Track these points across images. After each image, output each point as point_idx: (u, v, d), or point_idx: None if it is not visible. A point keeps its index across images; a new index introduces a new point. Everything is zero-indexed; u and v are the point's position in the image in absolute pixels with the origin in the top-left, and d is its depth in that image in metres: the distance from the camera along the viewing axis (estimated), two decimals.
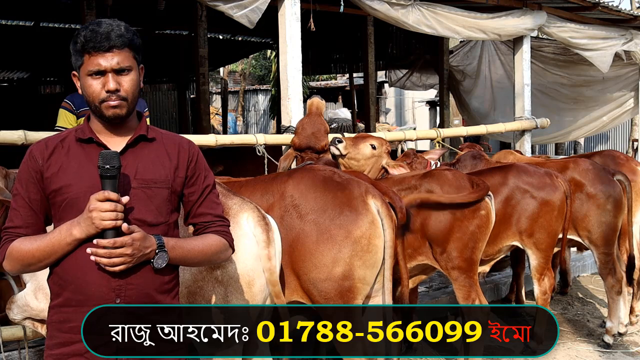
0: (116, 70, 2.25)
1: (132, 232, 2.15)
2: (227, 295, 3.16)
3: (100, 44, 2.21)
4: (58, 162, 2.29)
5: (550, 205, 5.26)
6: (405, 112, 26.53)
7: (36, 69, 15.67)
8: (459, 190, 4.63)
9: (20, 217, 2.29)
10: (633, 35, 8.98)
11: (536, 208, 5.23)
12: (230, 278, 3.16)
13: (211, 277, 3.14)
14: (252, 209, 3.26)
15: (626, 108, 10.55)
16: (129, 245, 2.14)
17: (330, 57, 15.69)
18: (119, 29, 2.25)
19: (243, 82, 29.94)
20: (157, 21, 12.41)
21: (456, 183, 4.68)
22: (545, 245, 5.29)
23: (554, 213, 5.27)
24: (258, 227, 3.21)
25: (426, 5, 6.93)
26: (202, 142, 5.43)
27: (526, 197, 5.23)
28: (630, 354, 5.69)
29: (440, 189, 4.63)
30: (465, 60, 12.33)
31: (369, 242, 3.62)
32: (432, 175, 4.79)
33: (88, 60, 2.24)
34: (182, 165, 2.39)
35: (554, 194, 5.27)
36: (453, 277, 4.67)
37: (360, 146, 5.27)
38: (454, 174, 4.80)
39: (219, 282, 3.14)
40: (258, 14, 5.73)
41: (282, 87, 6.01)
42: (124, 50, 2.26)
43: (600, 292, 7.19)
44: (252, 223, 3.21)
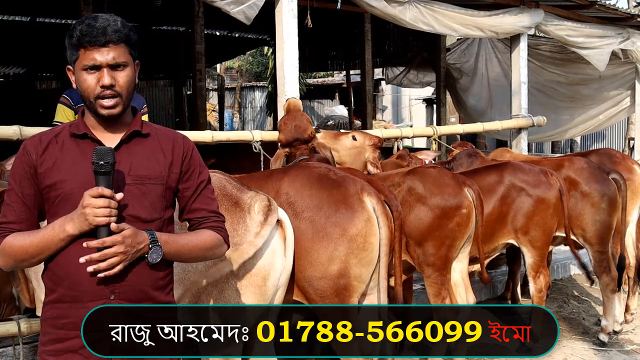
0: (111, 66, 2.24)
1: (122, 230, 2.14)
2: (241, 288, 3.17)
3: (97, 39, 2.21)
4: (52, 158, 2.27)
5: (546, 203, 5.27)
6: (402, 109, 26.53)
7: (32, 64, 15.60)
8: (442, 188, 4.61)
9: (14, 212, 2.27)
10: (630, 34, 8.98)
11: (532, 206, 5.24)
12: (247, 272, 3.18)
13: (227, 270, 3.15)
14: (261, 199, 3.27)
15: (623, 106, 10.56)
16: (120, 243, 2.13)
17: (327, 54, 15.65)
18: (116, 24, 2.25)
19: (240, 78, 29.89)
20: (153, 17, 12.38)
21: (439, 181, 4.65)
22: (541, 243, 5.31)
23: (549, 211, 5.29)
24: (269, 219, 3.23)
25: (423, 2, 6.93)
26: (198, 138, 5.42)
27: (522, 195, 5.24)
28: (626, 352, 5.70)
29: (423, 186, 4.61)
30: (463, 58, 12.33)
31: (365, 240, 3.62)
32: (416, 173, 4.78)
33: (83, 54, 2.23)
34: (177, 161, 2.38)
35: (549, 192, 5.29)
36: (426, 273, 4.63)
37: (341, 137, 5.32)
38: (439, 172, 4.77)
39: (234, 275, 3.16)
40: (255, 10, 5.72)
41: (278, 84, 6.00)
42: (120, 46, 2.25)
43: (596, 291, 7.20)
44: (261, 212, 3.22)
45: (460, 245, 4.69)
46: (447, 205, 4.59)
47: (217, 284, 3.14)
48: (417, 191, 4.60)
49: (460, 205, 4.62)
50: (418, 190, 4.60)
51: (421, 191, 4.60)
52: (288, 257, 3.39)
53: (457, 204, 4.61)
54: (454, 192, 4.63)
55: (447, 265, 4.63)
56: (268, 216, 3.22)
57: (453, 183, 4.68)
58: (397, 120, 25.96)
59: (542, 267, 5.35)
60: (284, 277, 3.38)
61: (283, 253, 3.34)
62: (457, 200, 4.62)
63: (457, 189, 4.66)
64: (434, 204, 4.57)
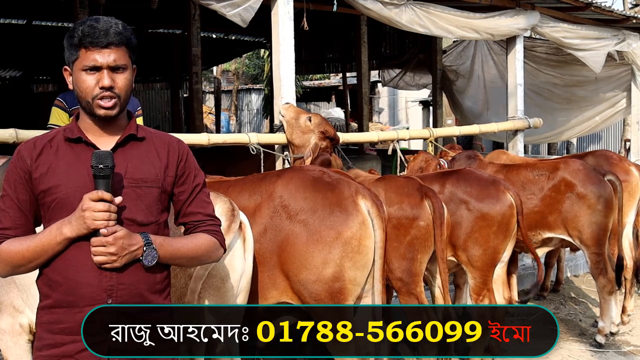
0: (112, 68, 2.24)
1: (114, 232, 2.14)
2: (200, 291, 3.17)
3: (99, 40, 2.21)
4: (47, 163, 2.27)
5: (488, 220, 4.86)
6: (399, 111, 26.54)
7: (29, 67, 15.63)
8: (402, 197, 4.49)
9: (9, 218, 2.27)
10: (625, 36, 9.00)
11: (471, 221, 4.85)
12: (205, 271, 3.17)
13: (184, 273, 3.15)
14: (223, 202, 3.26)
15: (619, 108, 10.57)
16: (110, 244, 2.13)
17: (323, 57, 15.68)
18: (117, 26, 2.25)
19: (236, 81, 29.92)
20: (150, 20, 12.40)
21: (402, 190, 4.53)
22: (481, 264, 4.87)
23: (492, 228, 4.86)
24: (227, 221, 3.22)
25: (419, 4, 6.93)
26: (194, 141, 5.42)
27: (461, 208, 4.87)
28: (622, 353, 5.70)
29: (384, 194, 4.49)
30: (459, 60, 12.35)
31: (360, 243, 3.60)
32: (383, 180, 4.71)
33: (84, 55, 2.23)
34: (172, 165, 2.38)
35: (495, 207, 4.87)
36: (396, 287, 4.53)
37: (301, 115, 5.44)
38: (407, 181, 4.65)
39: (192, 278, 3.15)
40: (251, 12, 5.72)
41: (275, 87, 6.00)
42: (120, 48, 2.25)
43: (592, 292, 7.21)
44: (224, 216, 3.21)
45: (423, 258, 4.52)
46: (404, 216, 4.48)
47: (177, 289, 3.14)
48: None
49: (417, 217, 4.46)
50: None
51: (382, 199, 4.33)
52: (247, 260, 3.38)
53: (414, 216, 4.47)
54: (412, 203, 4.49)
55: (414, 279, 4.48)
56: (232, 222, 3.22)
57: (417, 194, 4.51)
58: (394, 122, 25.98)
59: (485, 290, 4.89)
60: (244, 280, 3.36)
61: (242, 255, 3.33)
62: (414, 211, 4.48)
63: (416, 200, 4.50)
64: (390, 213, 4.39)
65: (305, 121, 5.38)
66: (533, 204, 5.71)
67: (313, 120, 5.37)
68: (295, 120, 5.45)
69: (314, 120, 5.38)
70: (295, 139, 5.42)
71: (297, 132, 5.40)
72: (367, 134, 8.36)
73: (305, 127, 5.36)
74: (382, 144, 9.03)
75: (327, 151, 5.28)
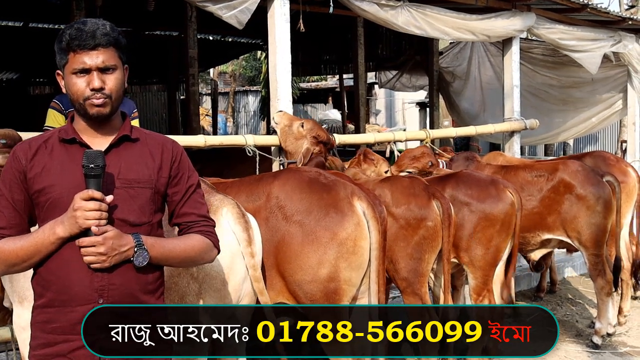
0: (101, 69, 2.24)
1: (105, 232, 2.14)
2: (200, 292, 3.15)
3: (86, 42, 2.21)
4: (41, 163, 2.28)
5: (491, 219, 4.91)
6: (395, 113, 26.56)
7: (25, 69, 15.63)
8: (410, 198, 4.51)
9: (4, 218, 2.28)
10: (622, 37, 9.01)
11: (474, 222, 4.89)
12: (206, 275, 3.15)
13: (186, 274, 3.13)
14: (231, 206, 3.25)
15: (615, 109, 10.58)
16: (100, 244, 2.13)
17: (320, 58, 15.68)
18: (104, 27, 2.25)
19: (233, 83, 29.91)
20: (146, 22, 12.37)
21: (409, 191, 4.54)
22: (484, 263, 4.91)
23: (495, 227, 4.90)
24: (238, 225, 3.20)
25: (415, 6, 6.94)
26: (191, 143, 5.42)
27: (463, 210, 4.89)
28: (619, 354, 5.71)
29: (391, 195, 4.52)
30: (455, 61, 12.35)
31: (355, 243, 3.61)
32: (388, 181, 4.71)
33: (73, 58, 2.23)
34: (166, 165, 2.38)
35: (497, 206, 4.92)
36: (401, 287, 4.53)
37: (294, 121, 5.47)
38: (412, 181, 4.66)
39: (193, 279, 3.14)
40: (247, 14, 5.72)
41: (271, 88, 6.00)
42: (109, 49, 2.25)
43: (590, 293, 7.22)
44: (232, 220, 3.20)
45: (430, 258, 4.54)
46: (412, 217, 4.48)
47: (179, 289, 3.13)
48: (384, 200, 4.40)
49: (425, 217, 4.47)
50: (386, 199, 4.44)
51: (388, 200, 4.48)
52: (259, 257, 3.36)
53: (423, 216, 4.47)
54: (420, 204, 4.50)
55: (419, 279, 4.49)
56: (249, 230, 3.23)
57: (424, 194, 4.52)
58: (391, 123, 25.99)
59: (486, 291, 4.93)
60: (247, 284, 3.33)
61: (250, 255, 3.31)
62: (422, 212, 4.49)
63: (424, 201, 4.51)
64: (398, 214, 4.46)
65: (298, 127, 5.41)
66: (532, 205, 5.71)
67: (305, 126, 5.40)
68: (288, 127, 5.48)
69: (306, 125, 5.41)
70: (288, 146, 5.46)
71: (290, 138, 5.44)
72: (364, 135, 8.34)
73: (298, 133, 5.39)
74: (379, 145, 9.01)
75: (320, 155, 5.28)
